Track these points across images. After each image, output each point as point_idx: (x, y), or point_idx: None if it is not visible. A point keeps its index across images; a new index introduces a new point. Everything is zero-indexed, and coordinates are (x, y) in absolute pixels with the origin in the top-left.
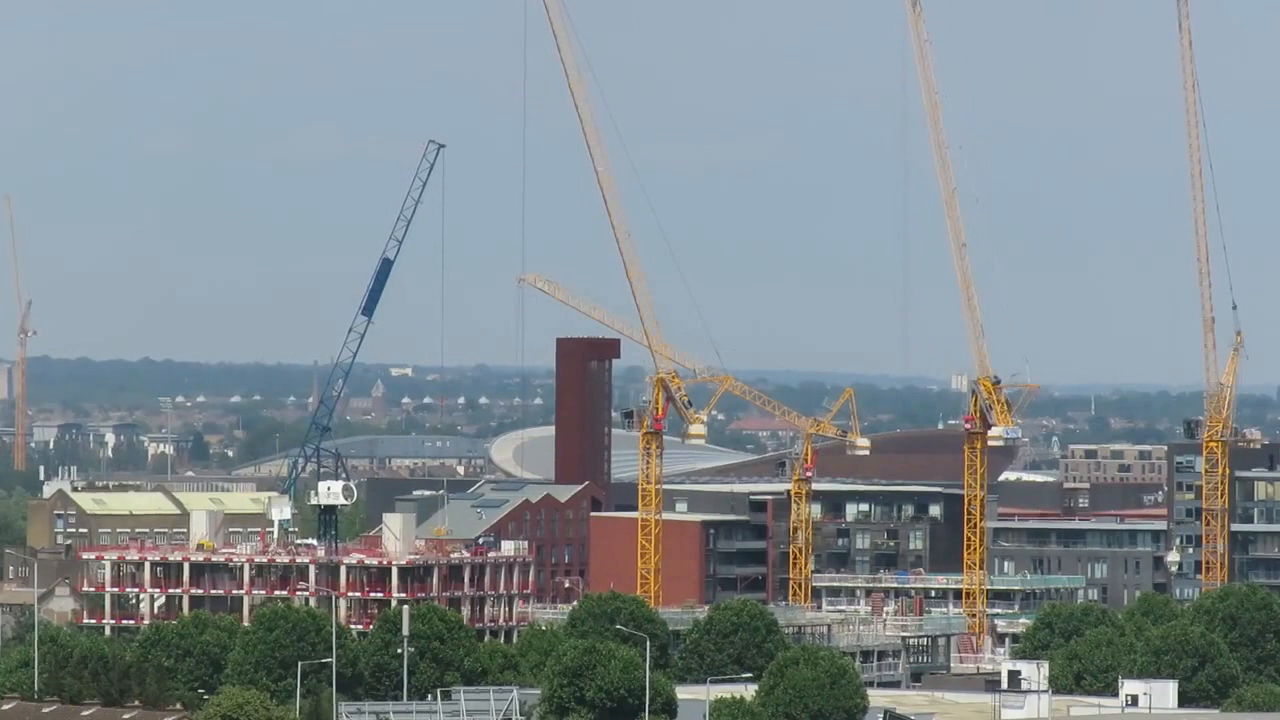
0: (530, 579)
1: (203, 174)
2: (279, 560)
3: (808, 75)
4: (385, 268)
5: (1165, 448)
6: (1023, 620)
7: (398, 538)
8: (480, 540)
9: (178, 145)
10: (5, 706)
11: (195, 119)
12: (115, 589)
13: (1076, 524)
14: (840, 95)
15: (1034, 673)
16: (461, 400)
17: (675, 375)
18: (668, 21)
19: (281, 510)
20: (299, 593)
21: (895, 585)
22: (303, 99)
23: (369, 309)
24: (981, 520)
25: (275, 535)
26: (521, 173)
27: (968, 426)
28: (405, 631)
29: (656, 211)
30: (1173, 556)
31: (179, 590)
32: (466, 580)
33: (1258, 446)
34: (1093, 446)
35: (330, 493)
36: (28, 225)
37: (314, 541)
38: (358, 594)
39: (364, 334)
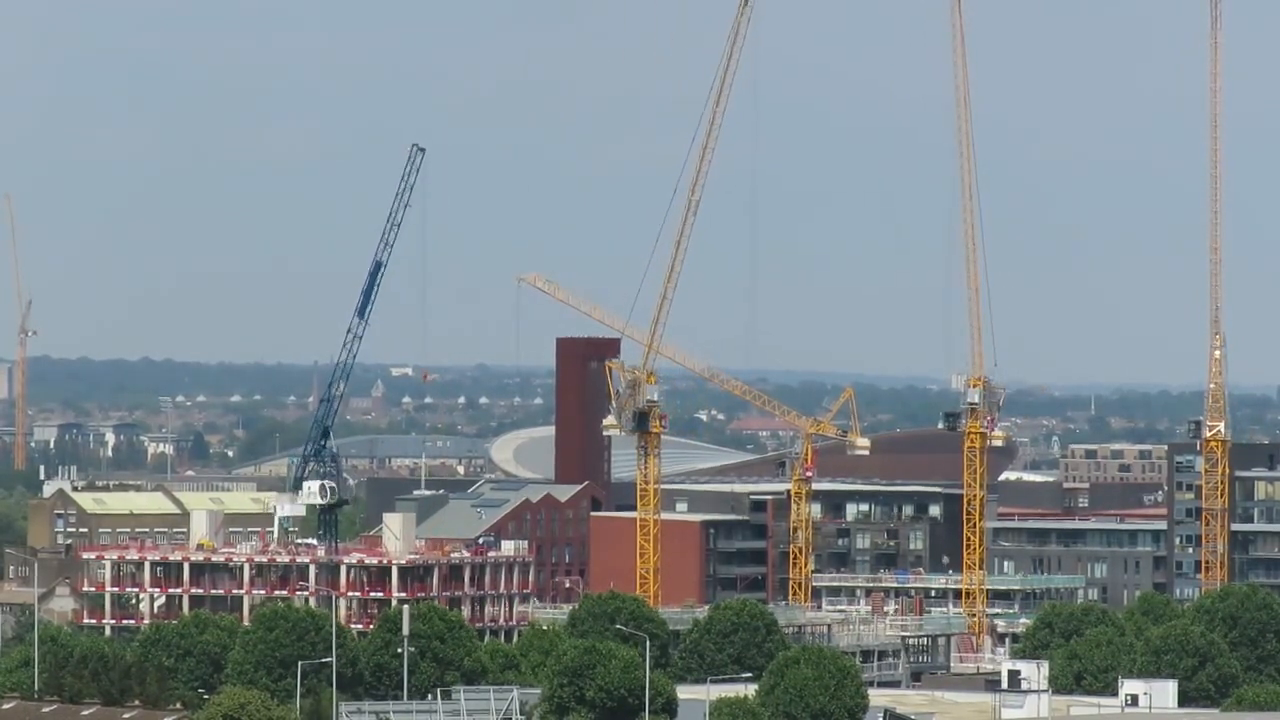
0: (530, 579)
1: (204, 172)
2: (279, 560)
3: (808, 75)
4: (376, 270)
5: (1165, 448)
6: (1023, 620)
7: (398, 538)
8: (480, 540)
9: (175, 144)
10: (5, 706)
11: (191, 118)
12: (115, 589)
13: (1076, 524)
14: (842, 95)
15: (1034, 673)
16: (461, 400)
17: (652, 374)
18: (668, 21)
19: (294, 506)
20: (299, 593)
21: (895, 585)
22: (303, 97)
23: (363, 311)
24: (981, 520)
25: (275, 535)
26: (523, 174)
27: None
28: (405, 631)
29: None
30: None
31: (179, 590)
32: (466, 580)
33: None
34: (1093, 446)
35: (309, 492)
36: (27, 224)
37: (314, 541)
38: (358, 594)
39: (361, 336)
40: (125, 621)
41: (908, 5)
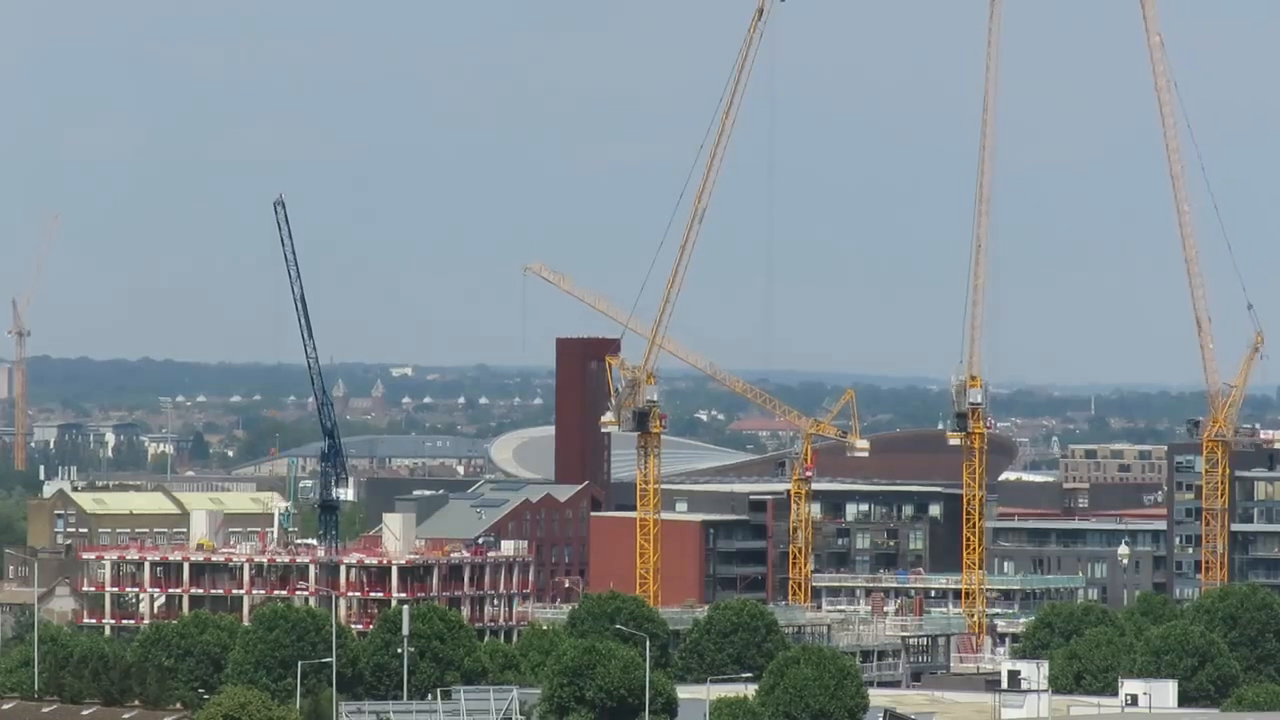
0: (530, 579)
1: (204, 172)
2: (279, 560)
3: (808, 74)
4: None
5: (1165, 448)
6: (1022, 620)
7: (398, 538)
8: (480, 540)
9: (175, 143)
10: (5, 706)
11: (190, 118)
12: (115, 589)
13: (1076, 524)
14: (842, 94)
15: (1034, 673)
16: (461, 400)
17: (651, 374)
18: (676, 21)
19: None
20: (299, 592)
21: (895, 585)
22: (306, 97)
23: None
24: (981, 520)
25: (275, 535)
26: (525, 174)
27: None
28: (405, 631)
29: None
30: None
31: (179, 590)
32: (466, 580)
33: (1252, 449)
34: (1093, 446)
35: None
36: (26, 224)
37: (314, 541)
38: (358, 594)
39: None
40: (125, 621)
41: (909, 9)
